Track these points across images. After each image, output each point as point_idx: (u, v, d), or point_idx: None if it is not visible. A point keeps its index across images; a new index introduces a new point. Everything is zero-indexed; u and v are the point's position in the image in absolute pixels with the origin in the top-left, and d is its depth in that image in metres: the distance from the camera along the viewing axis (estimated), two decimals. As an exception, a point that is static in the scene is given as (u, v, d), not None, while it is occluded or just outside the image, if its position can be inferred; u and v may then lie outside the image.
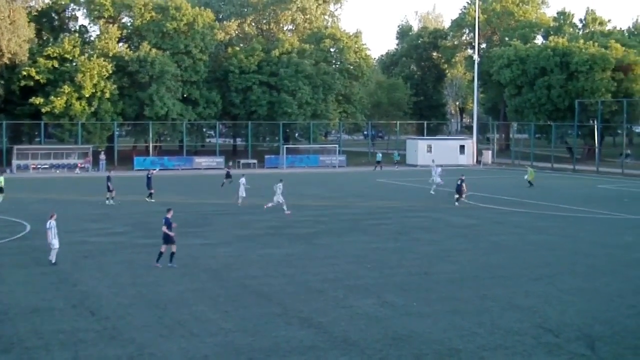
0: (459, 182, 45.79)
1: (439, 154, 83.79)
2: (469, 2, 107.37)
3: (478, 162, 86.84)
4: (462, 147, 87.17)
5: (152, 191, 47.32)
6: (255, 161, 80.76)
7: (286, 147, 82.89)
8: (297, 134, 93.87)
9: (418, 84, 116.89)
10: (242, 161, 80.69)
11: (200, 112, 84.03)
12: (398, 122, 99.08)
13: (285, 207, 40.81)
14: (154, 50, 78.69)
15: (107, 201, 45.91)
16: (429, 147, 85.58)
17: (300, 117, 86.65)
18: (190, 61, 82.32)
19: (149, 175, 48.40)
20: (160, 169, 53.44)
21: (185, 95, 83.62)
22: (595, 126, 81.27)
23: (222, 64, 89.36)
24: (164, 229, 26.16)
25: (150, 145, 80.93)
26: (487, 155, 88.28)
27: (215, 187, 53.87)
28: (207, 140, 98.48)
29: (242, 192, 44.15)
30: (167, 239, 26.16)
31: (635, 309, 20.63)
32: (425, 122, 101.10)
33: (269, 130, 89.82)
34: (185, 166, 77.27)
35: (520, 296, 22.03)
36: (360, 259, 27.93)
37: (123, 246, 30.80)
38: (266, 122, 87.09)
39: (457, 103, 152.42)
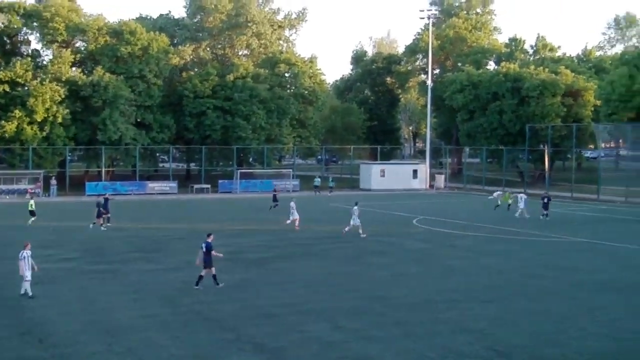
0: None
1: (393, 178, 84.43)
2: (423, 28, 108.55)
3: (431, 186, 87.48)
4: (415, 172, 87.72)
5: (109, 215, 46.85)
6: (208, 186, 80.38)
7: (240, 172, 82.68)
8: (251, 159, 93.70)
9: (372, 108, 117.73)
10: (196, 186, 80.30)
11: (153, 137, 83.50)
12: (352, 146, 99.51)
13: (361, 230, 41.72)
14: (107, 74, 78.10)
15: (102, 227, 45.26)
16: (382, 171, 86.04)
17: (254, 142, 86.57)
18: (144, 85, 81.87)
19: (107, 199, 48.10)
20: (112, 194, 52.93)
21: (138, 120, 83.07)
22: (546, 150, 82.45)
23: (176, 88, 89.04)
24: (208, 252, 26.83)
25: (103, 170, 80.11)
26: (440, 180, 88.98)
27: (167, 211, 53.45)
28: (161, 164, 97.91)
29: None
30: (208, 263, 26.78)
31: (584, 331, 20.92)
32: (379, 147, 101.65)
33: (222, 155, 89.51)
34: (138, 191, 76.60)
35: (472, 319, 22.22)
36: (314, 283, 27.96)
37: (74, 273, 30.42)
38: (220, 147, 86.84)
39: (411, 128, 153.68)
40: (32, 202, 48.67)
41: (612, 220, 53.06)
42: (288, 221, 45.46)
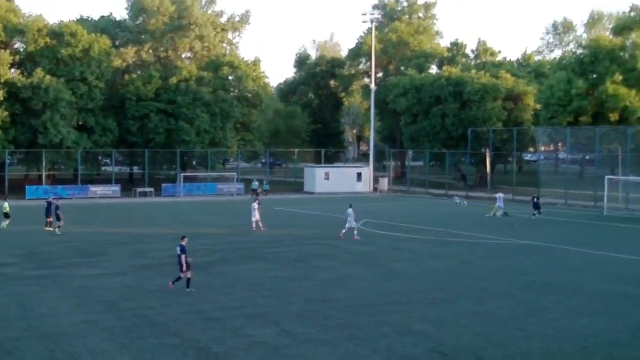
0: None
1: (337, 181, 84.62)
2: (366, 31, 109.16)
3: (375, 189, 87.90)
4: (359, 175, 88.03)
5: (51, 220, 46.19)
6: (152, 189, 79.61)
7: (183, 175, 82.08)
8: (194, 162, 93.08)
9: (316, 112, 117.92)
10: (139, 190, 79.46)
11: (95, 140, 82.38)
12: (296, 149, 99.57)
13: (355, 232, 42.05)
14: (48, 76, 76.80)
15: (57, 230, 44.83)
16: (327, 174, 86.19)
17: (198, 145, 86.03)
18: (85, 88, 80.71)
19: (50, 202, 47.43)
20: (54, 198, 52.17)
21: (80, 123, 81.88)
22: (487, 154, 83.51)
23: (118, 91, 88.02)
24: (184, 257, 26.75)
25: (44, 173, 78.80)
26: (384, 183, 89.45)
27: (110, 215, 52.73)
28: (103, 168, 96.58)
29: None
30: (186, 266, 26.76)
31: (526, 332, 21.21)
32: (323, 150, 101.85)
33: (166, 158, 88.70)
34: (80, 195, 75.49)
35: (416, 321, 22.37)
36: (258, 287, 27.86)
37: (12, 278, 29.82)
38: (163, 150, 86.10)
39: (355, 131, 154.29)
40: (5, 204, 47.89)
41: (552, 222, 53.90)
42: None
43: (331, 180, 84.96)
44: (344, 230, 42.28)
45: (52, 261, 34.31)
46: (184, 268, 26.66)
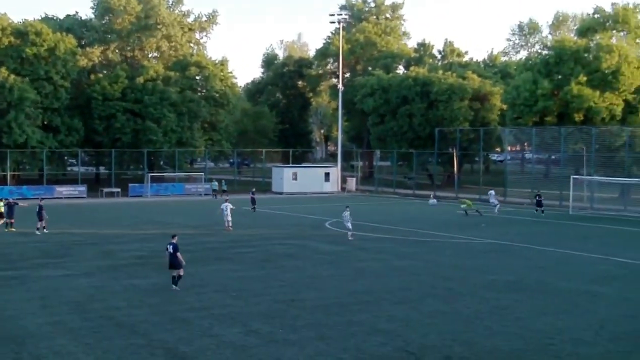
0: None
1: (305, 181, 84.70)
2: (333, 32, 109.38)
3: (343, 189, 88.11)
4: (327, 175, 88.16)
5: (13, 221, 45.87)
6: (119, 190, 79.13)
7: (151, 176, 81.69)
8: (162, 162, 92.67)
9: (284, 112, 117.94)
10: (106, 190, 78.95)
11: (61, 140, 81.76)
12: (264, 149, 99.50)
13: (349, 233, 41.97)
14: (12, 76, 76.12)
15: (37, 231, 44.59)
16: (295, 174, 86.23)
17: (165, 145, 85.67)
18: (51, 88, 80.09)
19: (11, 204, 47.32)
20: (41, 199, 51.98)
21: (45, 123, 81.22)
22: (454, 153, 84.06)
23: (84, 90, 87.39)
24: (175, 254, 26.93)
25: (8, 174, 78.01)
26: (352, 183, 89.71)
27: (76, 216, 52.34)
28: (69, 168, 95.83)
29: (228, 216, 43.03)
30: (176, 264, 26.93)
31: (492, 330, 21.42)
32: (291, 150, 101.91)
33: (133, 158, 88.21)
34: (46, 195, 74.67)
35: (384, 320, 22.49)
36: (226, 287, 27.84)
37: (-22, 279, 29.53)
38: (130, 150, 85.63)
39: (322, 131, 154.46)
40: (1, 203, 47.68)
41: (519, 221, 54.41)
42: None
43: (299, 180, 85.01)
44: (350, 233, 42.25)
45: (18, 262, 34.01)
46: (183, 265, 26.98)
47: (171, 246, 27.00)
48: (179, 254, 26.86)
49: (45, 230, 44.89)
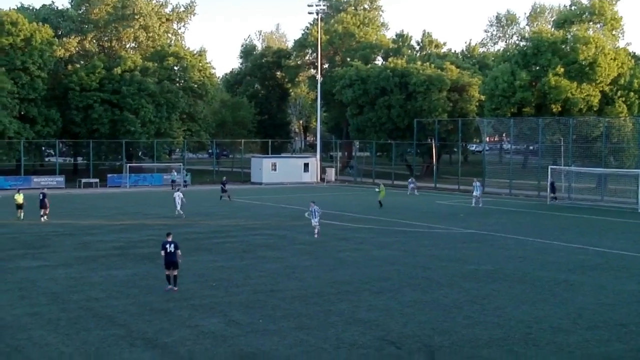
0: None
1: (284, 172, 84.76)
2: (311, 22, 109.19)
3: (322, 179, 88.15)
4: (306, 165, 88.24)
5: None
6: (97, 180, 78.76)
7: (129, 166, 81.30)
8: (140, 153, 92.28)
9: (262, 102, 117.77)
10: (84, 180, 78.52)
11: (38, 131, 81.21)
12: (243, 140, 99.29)
13: (316, 231, 39.07)
14: (-12, 66, 75.52)
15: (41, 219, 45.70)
16: (274, 165, 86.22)
17: (143, 136, 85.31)
18: (27, 78, 79.46)
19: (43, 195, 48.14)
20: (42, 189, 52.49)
21: (22, 113, 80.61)
22: (433, 144, 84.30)
23: (61, 81, 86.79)
24: (179, 253, 25.65)
25: (-15, 164, 77.48)
26: (331, 173, 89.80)
27: (54, 207, 51.95)
28: (47, 159, 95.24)
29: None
30: (175, 264, 25.50)
31: (471, 319, 21.50)
32: (270, 141, 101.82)
33: (111, 149, 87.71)
34: (23, 186, 74.08)
35: (364, 310, 22.53)
36: (205, 277, 27.78)
37: (-45, 271, 29.28)
38: (108, 141, 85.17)
39: (301, 122, 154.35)
40: (21, 194, 47.84)
41: (497, 212, 54.68)
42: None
43: (278, 170, 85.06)
44: (316, 230, 39.40)
45: (-5, 253, 33.78)
46: (175, 265, 25.46)
47: (172, 245, 25.45)
48: (179, 252, 25.69)
49: (46, 217, 45.93)
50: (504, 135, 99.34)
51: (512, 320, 21.44)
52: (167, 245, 25.46)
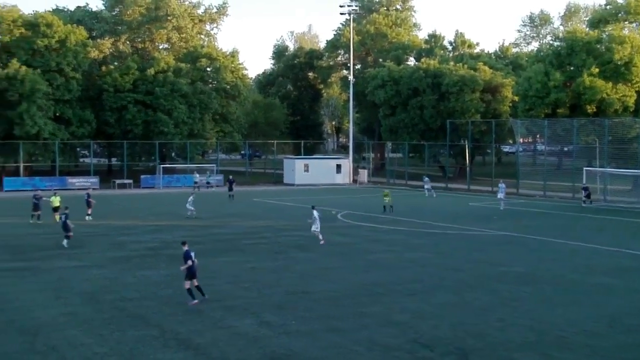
0: None
1: (316, 173, 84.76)
2: (344, 23, 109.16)
3: (354, 181, 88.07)
4: (338, 167, 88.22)
5: (39, 213, 46.25)
6: (130, 181, 79.36)
7: (162, 167, 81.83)
8: (173, 154, 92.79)
9: (294, 103, 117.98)
10: (118, 181, 79.17)
11: (73, 132, 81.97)
12: (275, 141, 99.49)
13: (320, 237, 37.58)
14: (24, 67, 76.26)
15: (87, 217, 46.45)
16: (306, 166, 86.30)
17: (176, 137, 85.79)
18: (62, 79, 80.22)
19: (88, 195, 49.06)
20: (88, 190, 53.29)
21: (57, 114, 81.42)
22: (466, 145, 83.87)
23: (96, 82, 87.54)
24: (187, 263, 23.71)
25: (21, 165, 78.32)
26: (363, 174, 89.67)
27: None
28: (81, 160, 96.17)
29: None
30: (194, 273, 23.82)
31: (504, 322, 21.37)
32: (302, 142, 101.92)
33: (144, 150, 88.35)
34: (58, 187, 74.94)
35: (396, 312, 22.49)
36: (238, 278, 27.90)
37: (-9, 270, 29.69)
38: (142, 142, 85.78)
39: (334, 123, 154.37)
40: (57, 197, 47.34)
41: (530, 213, 54.27)
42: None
43: (311, 172, 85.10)
44: (320, 237, 37.90)
45: (30, 253, 34.18)
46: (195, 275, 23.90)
47: (193, 254, 24.11)
48: (190, 262, 23.92)
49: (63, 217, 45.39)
50: (537, 136, 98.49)
51: (545, 323, 21.29)
52: (192, 255, 23.96)
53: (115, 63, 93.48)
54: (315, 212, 37.97)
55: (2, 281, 27.35)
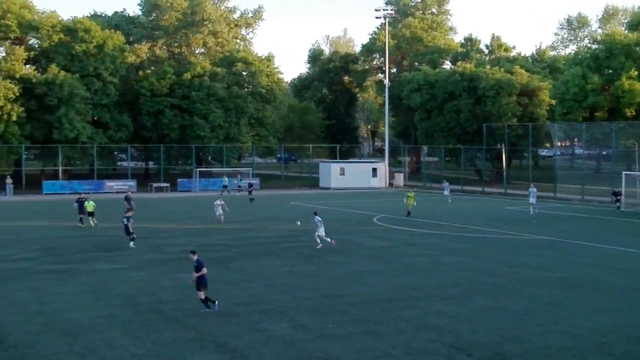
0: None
1: (352, 177, 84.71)
2: (379, 27, 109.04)
3: (390, 184, 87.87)
4: (374, 170, 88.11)
5: (82, 216, 46.63)
6: (167, 184, 79.95)
7: (199, 171, 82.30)
8: (209, 157, 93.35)
9: (330, 107, 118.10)
10: (155, 184, 79.79)
11: (111, 136, 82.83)
12: (311, 145, 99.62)
13: (318, 240, 36.88)
14: (62, 72, 77.25)
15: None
16: (342, 170, 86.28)
17: (212, 140, 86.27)
18: (100, 84, 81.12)
19: (81, 200, 48.36)
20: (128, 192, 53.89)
21: (95, 118, 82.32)
22: (503, 149, 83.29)
23: (133, 87, 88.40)
24: (201, 272, 22.74)
25: (60, 169, 79.25)
26: (399, 178, 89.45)
27: (123, 210, 52.83)
28: (119, 163, 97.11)
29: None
30: (204, 284, 22.86)
31: (543, 327, 21.10)
32: (338, 146, 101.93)
33: (181, 154, 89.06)
34: (96, 190, 75.71)
35: (433, 316, 22.31)
36: (273, 282, 27.88)
37: (30, 272, 30.00)
38: (178, 146, 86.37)
39: (369, 126, 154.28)
40: (92, 203, 47.24)
41: (569, 218, 53.73)
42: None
43: (346, 175, 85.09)
44: (319, 241, 37.18)
45: (70, 256, 34.49)
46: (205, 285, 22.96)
47: (202, 263, 23.14)
48: (202, 271, 22.93)
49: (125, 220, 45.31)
50: (575, 140, 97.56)
51: (585, 328, 20.99)
52: (203, 262, 23.09)
53: (152, 68, 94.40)
54: (317, 218, 37.50)
55: (42, 283, 27.61)
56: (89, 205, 46.84)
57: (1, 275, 29.32)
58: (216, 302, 22.94)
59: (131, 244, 36.76)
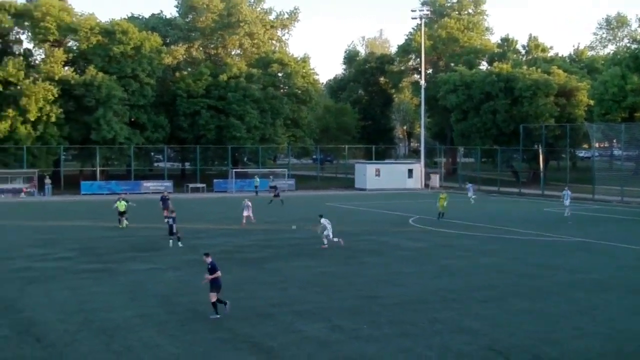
0: None
1: (388, 178, 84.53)
2: (415, 28, 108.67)
3: (426, 185, 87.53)
4: (410, 171, 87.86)
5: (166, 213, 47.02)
6: (204, 185, 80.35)
7: (235, 171, 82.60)
8: (245, 158, 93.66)
9: (366, 108, 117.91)
10: (191, 185, 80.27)
11: (148, 136, 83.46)
12: (346, 146, 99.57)
13: (325, 241, 37.23)
14: (100, 74, 78.02)
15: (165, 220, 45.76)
16: (378, 171, 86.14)
17: (248, 141, 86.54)
18: (137, 85, 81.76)
19: (165, 197, 50.53)
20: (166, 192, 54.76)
21: (132, 120, 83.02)
22: (540, 150, 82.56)
23: (169, 88, 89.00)
24: (216, 274, 22.46)
25: (97, 169, 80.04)
26: (435, 179, 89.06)
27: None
28: (156, 164, 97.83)
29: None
30: (219, 286, 22.45)
31: (581, 330, 20.87)
32: (374, 146, 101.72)
33: (217, 154, 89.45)
34: (133, 190, 76.40)
35: (469, 318, 22.15)
36: (309, 283, 27.88)
37: (69, 272, 30.32)
38: (214, 146, 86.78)
39: (405, 127, 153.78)
40: (123, 202, 47.22)
41: (607, 219, 53.13)
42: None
43: (382, 176, 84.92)
44: (325, 241, 37.36)
45: (107, 256, 34.79)
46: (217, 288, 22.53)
47: (216, 266, 22.85)
48: (216, 274, 22.66)
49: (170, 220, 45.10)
50: (614, 141, 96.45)
51: (625, 332, 20.72)
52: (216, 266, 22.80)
53: (189, 69, 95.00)
54: (323, 220, 37.69)
55: (79, 282, 27.88)
56: (121, 205, 46.81)
57: (41, 274, 29.67)
58: (227, 303, 22.55)
59: (179, 243, 37.19)
